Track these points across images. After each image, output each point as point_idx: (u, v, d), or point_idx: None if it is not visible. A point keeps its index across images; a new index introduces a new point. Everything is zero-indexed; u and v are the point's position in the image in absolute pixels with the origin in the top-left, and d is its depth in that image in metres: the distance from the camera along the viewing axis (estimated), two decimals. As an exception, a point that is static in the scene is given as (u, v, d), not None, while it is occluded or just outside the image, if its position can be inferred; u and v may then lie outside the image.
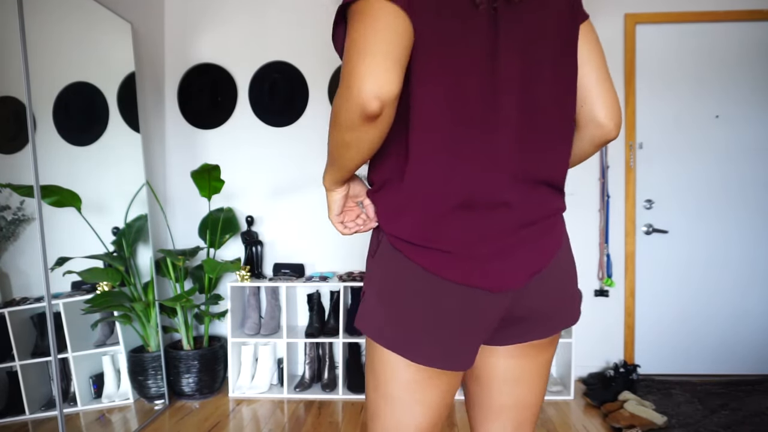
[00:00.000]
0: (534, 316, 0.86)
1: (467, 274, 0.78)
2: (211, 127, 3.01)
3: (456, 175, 0.77)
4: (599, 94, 0.86)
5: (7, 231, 1.86)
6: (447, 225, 0.78)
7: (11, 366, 1.86)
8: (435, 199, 0.78)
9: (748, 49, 2.82)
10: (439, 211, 0.78)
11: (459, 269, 0.78)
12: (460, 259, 0.78)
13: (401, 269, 0.80)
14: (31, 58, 1.86)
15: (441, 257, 0.78)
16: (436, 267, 0.78)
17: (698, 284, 2.89)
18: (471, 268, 0.78)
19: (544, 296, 0.85)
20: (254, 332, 2.78)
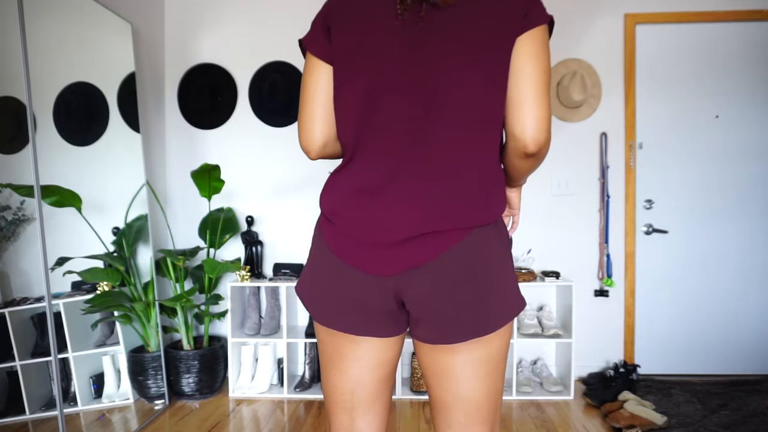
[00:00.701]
0: (430, 317, 0.91)
1: (351, 256, 0.91)
2: (211, 127, 3.01)
3: (359, 169, 0.92)
4: (520, 107, 0.86)
5: (8, 231, 1.86)
6: (348, 204, 0.93)
7: (11, 366, 1.86)
8: (345, 185, 0.94)
9: (747, 49, 2.82)
10: (345, 193, 0.93)
11: (349, 253, 0.92)
12: (353, 243, 0.91)
13: (317, 242, 0.99)
14: (32, 58, 1.86)
15: (341, 240, 0.93)
16: (337, 248, 0.93)
17: (698, 284, 2.89)
18: (357, 252, 0.91)
19: (433, 297, 0.90)
20: (254, 332, 2.78)
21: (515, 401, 2.60)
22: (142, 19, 2.78)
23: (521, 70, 0.86)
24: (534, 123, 0.86)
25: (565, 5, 2.85)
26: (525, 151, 0.88)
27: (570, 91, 2.73)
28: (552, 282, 2.66)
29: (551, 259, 2.91)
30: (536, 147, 0.87)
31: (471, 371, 0.94)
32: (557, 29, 2.86)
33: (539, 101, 0.85)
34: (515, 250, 2.91)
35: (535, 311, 2.82)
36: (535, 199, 2.91)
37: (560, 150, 2.89)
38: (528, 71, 0.85)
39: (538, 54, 0.86)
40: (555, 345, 2.90)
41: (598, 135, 2.87)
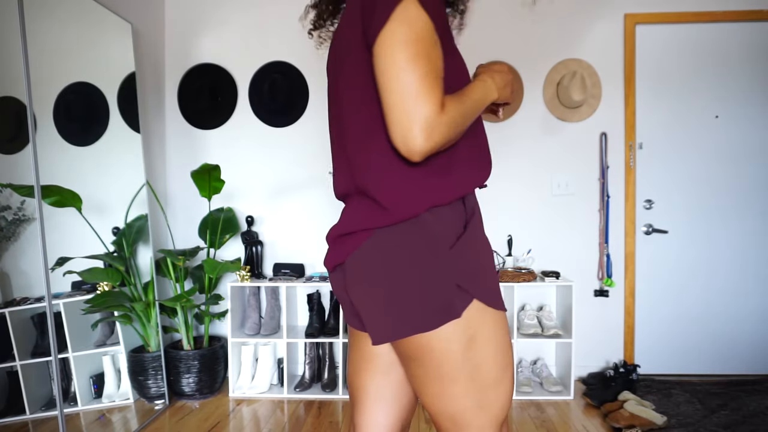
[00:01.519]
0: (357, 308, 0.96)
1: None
2: (211, 127, 3.01)
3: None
4: (386, 119, 0.83)
5: (8, 231, 1.86)
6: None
7: (12, 366, 1.86)
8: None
9: (748, 49, 2.82)
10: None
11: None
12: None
13: None
14: (32, 58, 1.86)
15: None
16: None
17: (698, 284, 2.89)
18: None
19: (350, 296, 0.94)
20: (254, 332, 2.78)
21: (515, 401, 2.60)
22: (142, 19, 2.78)
23: (379, 79, 0.83)
24: (401, 140, 0.81)
25: (565, 5, 2.85)
26: (408, 158, 0.83)
27: (570, 91, 2.73)
28: (552, 282, 2.66)
29: (551, 259, 2.91)
30: (417, 157, 0.81)
31: (413, 379, 0.94)
32: (558, 29, 2.86)
33: (398, 109, 0.80)
34: (515, 250, 2.91)
35: (535, 311, 2.82)
36: (535, 199, 2.91)
37: (560, 150, 2.89)
38: (383, 81, 0.82)
39: (385, 62, 0.81)
40: (555, 345, 2.90)
41: (598, 135, 2.87)
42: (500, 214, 2.92)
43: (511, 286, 2.65)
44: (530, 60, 2.87)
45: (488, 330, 0.90)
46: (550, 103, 2.87)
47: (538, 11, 2.86)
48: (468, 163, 0.94)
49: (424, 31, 0.82)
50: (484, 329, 0.90)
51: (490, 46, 2.87)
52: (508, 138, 2.90)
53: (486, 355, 0.90)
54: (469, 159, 0.95)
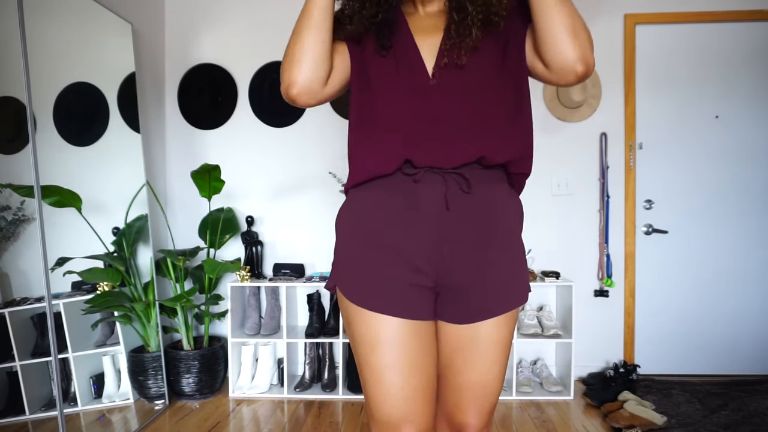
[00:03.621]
0: None
1: None
2: (211, 128, 3.01)
3: None
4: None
5: (8, 231, 1.86)
6: None
7: (11, 366, 1.86)
8: None
9: (748, 49, 2.82)
10: None
11: None
12: None
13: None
14: (32, 58, 1.86)
15: None
16: None
17: (698, 284, 2.89)
18: None
19: None
20: (254, 332, 2.78)
21: (515, 401, 2.60)
22: (142, 19, 2.78)
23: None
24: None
25: (565, 5, 2.85)
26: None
27: (570, 92, 2.73)
28: (552, 282, 2.66)
29: (551, 259, 2.91)
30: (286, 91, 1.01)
31: None
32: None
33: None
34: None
35: (535, 311, 2.82)
36: (535, 199, 2.91)
37: (560, 150, 2.89)
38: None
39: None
40: (555, 345, 2.90)
41: (598, 135, 2.87)
42: (500, 214, 2.92)
43: (511, 286, 2.65)
44: (530, 60, 2.86)
45: (345, 316, 1.01)
46: (550, 103, 2.87)
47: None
48: (351, 162, 1.03)
49: None
50: (344, 314, 1.01)
51: (490, 46, 2.87)
52: (508, 138, 2.90)
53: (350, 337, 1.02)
54: (352, 158, 1.03)
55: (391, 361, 0.92)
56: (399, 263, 0.96)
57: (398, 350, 0.93)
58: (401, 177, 0.97)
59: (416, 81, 0.97)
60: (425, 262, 0.96)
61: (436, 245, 0.96)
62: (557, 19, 0.88)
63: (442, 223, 0.96)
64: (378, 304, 0.94)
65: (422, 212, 0.96)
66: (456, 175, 0.96)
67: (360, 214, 1.01)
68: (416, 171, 0.96)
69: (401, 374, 0.92)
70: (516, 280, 1.01)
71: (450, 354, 1.01)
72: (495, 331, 0.99)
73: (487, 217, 0.99)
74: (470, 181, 0.96)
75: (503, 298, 0.99)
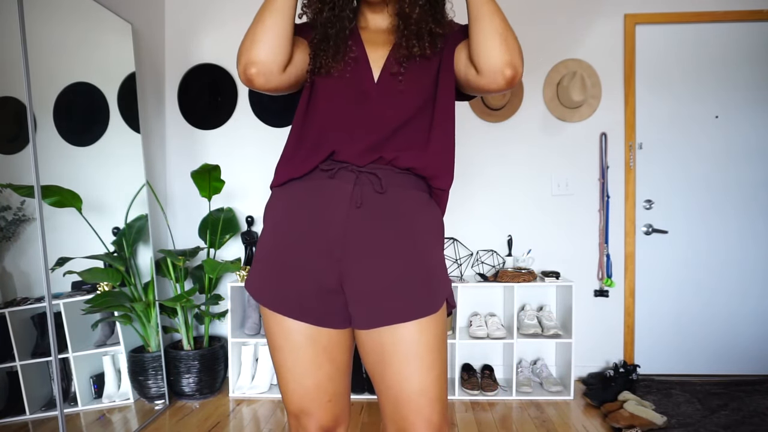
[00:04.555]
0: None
1: None
2: (211, 127, 3.01)
3: None
4: None
5: (8, 231, 1.86)
6: None
7: (12, 366, 1.86)
8: None
9: (748, 49, 2.82)
10: None
11: None
12: None
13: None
14: (32, 58, 1.86)
15: None
16: None
17: (698, 284, 2.89)
18: None
19: None
20: (254, 332, 2.78)
21: (515, 401, 2.60)
22: (142, 19, 2.78)
23: None
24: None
25: (565, 5, 2.85)
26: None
27: (570, 92, 2.74)
28: (552, 282, 2.66)
29: (551, 259, 2.91)
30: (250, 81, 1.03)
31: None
32: (558, 29, 2.86)
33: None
34: (515, 250, 2.91)
35: (535, 311, 2.82)
36: (535, 199, 2.91)
37: (560, 150, 2.89)
38: None
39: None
40: (555, 345, 2.90)
41: (598, 135, 2.87)
42: (500, 214, 2.92)
43: (511, 286, 2.65)
44: (530, 60, 2.87)
45: (263, 320, 1.05)
46: (550, 104, 2.87)
47: (538, 11, 2.86)
48: (279, 161, 1.07)
49: None
50: (263, 320, 1.05)
51: (490, 46, 2.87)
52: (508, 138, 2.90)
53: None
54: (280, 157, 1.07)
55: (289, 362, 1.02)
56: (305, 270, 0.99)
57: (294, 354, 1.01)
58: (318, 173, 1.01)
59: (361, 86, 1.02)
60: (331, 263, 0.98)
61: (342, 245, 0.97)
62: (490, 26, 0.95)
63: (350, 222, 0.97)
64: (281, 308, 1.00)
65: (331, 210, 0.98)
66: (369, 174, 0.99)
67: (274, 217, 1.05)
68: (332, 168, 1.00)
69: (296, 375, 1.02)
70: (423, 287, 0.98)
71: (377, 365, 0.99)
72: (417, 335, 0.95)
73: (398, 220, 0.99)
74: (383, 181, 0.99)
75: (408, 304, 0.96)
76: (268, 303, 1.01)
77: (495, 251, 2.91)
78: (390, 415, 0.99)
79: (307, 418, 1.04)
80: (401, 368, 0.95)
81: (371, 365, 1.00)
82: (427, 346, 0.96)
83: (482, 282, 2.70)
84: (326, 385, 1.03)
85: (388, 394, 0.98)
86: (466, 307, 2.92)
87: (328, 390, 1.04)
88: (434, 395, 0.96)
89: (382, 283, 0.97)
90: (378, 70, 1.04)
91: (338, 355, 1.04)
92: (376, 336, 0.97)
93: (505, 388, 2.70)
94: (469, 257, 2.92)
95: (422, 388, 0.95)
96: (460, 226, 2.92)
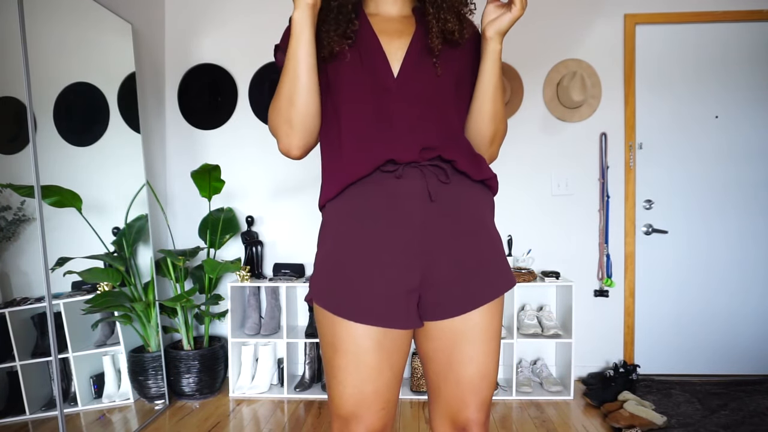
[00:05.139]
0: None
1: None
2: (211, 127, 3.01)
3: None
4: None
5: (8, 231, 1.86)
6: None
7: (11, 366, 1.86)
8: None
9: (748, 49, 2.82)
10: None
11: None
12: None
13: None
14: (32, 58, 1.86)
15: None
16: None
17: (698, 284, 2.89)
18: None
19: None
20: (254, 332, 2.78)
21: (515, 401, 2.60)
22: (142, 19, 2.78)
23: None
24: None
25: (565, 5, 2.85)
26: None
27: (570, 92, 2.73)
28: (552, 282, 2.67)
29: (551, 259, 2.91)
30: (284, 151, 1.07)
31: None
32: (558, 29, 2.86)
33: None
34: (515, 250, 2.91)
35: (535, 311, 2.82)
36: (535, 199, 2.91)
37: (560, 150, 2.89)
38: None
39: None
40: (555, 345, 2.90)
41: (598, 135, 2.87)
42: (500, 214, 2.92)
43: (511, 286, 2.65)
44: (530, 60, 2.87)
45: (319, 324, 1.02)
46: (550, 104, 2.87)
47: (537, 11, 2.86)
48: (324, 175, 1.05)
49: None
50: (318, 322, 1.03)
51: (490, 46, 2.87)
52: (508, 138, 2.90)
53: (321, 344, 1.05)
54: (324, 170, 1.05)
55: (351, 367, 0.99)
56: (384, 272, 0.97)
57: (359, 359, 0.98)
58: (380, 175, 0.98)
59: (379, 82, 0.98)
60: (411, 260, 0.97)
61: (421, 241, 0.97)
62: (491, 110, 1.03)
63: (426, 216, 0.97)
64: (353, 312, 0.97)
65: (406, 208, 0.97)
66: (433, 167, 0.99)
67: (337, 225, 1.01)
68: (396, 167, 0.98)
69: (356, 380, 0.98)
70: (499, 267, 1.03)
71: (443, 351, 1.01)
72: (485, 320, 1.00)
73: (465, 206, 1.01)
74: (447, 171, 1.00)
75: (488, 285, 1.00)
76: (336, 309, 0.98)
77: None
78: (446, 397, 1.03)
79: (356, 423, 1.01)
80: (470, 351, 0.99)
81: (435, 351, 1.02)
82: (494, 331, 1.01)
83: (482, 282, 2.70)
84: (384, 392, 1.01)
85: (450, 376, 1.01)
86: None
87: (384, 397, 1.01)
88: (492, 380, 1.02)
89: (463, 270, 0.99)
90: (397, 63, 1.00)
91: (398, 361, 1.02)
92: (448, 323, 1.00)
93: (505, 388, 2.70)
94: (469, 257, 2.91)
95: (485, 372, 1.00)
96: (460, 226, 2.92)
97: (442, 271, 0.98)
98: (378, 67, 0.99)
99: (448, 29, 0.99)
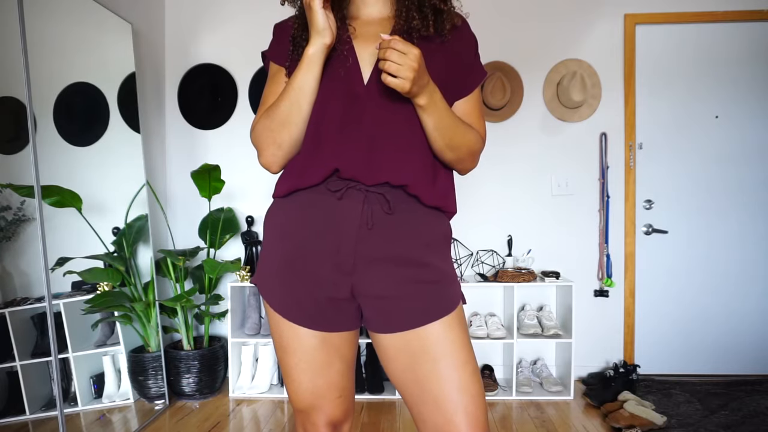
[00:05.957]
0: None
1: None
2: (211, 127, 3.01)
3: None
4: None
5: (8, 231, 1.86)
6: None
7: (12, 366, 1.86)
8: None
9: (748, 49, 2.82)
10: None
11: None
12: None
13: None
14: (32, 58, 1.86)
15: None
16: None
17: (698, 284, 2.89)
18: None
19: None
20: (254, 332, 2.78)
21: (515, 401, 2.60)
22: (142, 19, 2.78)
23: None
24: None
25: (565, 5, 2.85)
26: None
27: (570, 92, 2.73)
28: (552, 282, 2.66)
29: (551, 259, 2.91)
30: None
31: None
32: (558, 29, 2.86)
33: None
34: (515, 250, 2.91)
35: (535, 311, 2.82)
36: (535, 199, 2.91)
37: (560, 150, 2.89)
38: None
39: None
40: (555, 345, 2.90)
41: (598, 135, 2.87)
42: (500, 214, 2.92)
43: (511, 286, 2.65)
44: (530, 60, 2.87)
45: (270, 324, 1.05)
46: (550, 104, 2.87)
47: (537, 11, 2.86)
48: (284, 170, 1.05)
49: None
50: (267, 313, 1.06)
51: (490, 47, 2.87)
52: (508, 138, 2.90)
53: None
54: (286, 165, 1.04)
55: (302, 364, 1.03)
56: (317, 281, 0.97)
57: (308, 356, 1.02)
58: (324, 192, 0.97)
59: (349, 88, 0.96)
60: (342, 276, 0.96)
61: (353, 260, 0.95)
62: (440, 143, 0.98)
63: (360, 240, 0.95)
64: (293, 317, 1.00)
65: (344, 228, 0.95)
66: (377, 195, 0.96)
67: (281, 227, 1.02)
68: (340, 188, 0.95)
69: (308, 375, 1.03)
70: (443, 288, 0.98)
71: (407, 371, 0.96)
72: (443, 332, 0.94)
73: (407, 233, 0.97)
74: (391, 202, 0.95)
75: (432, 304, 0.95)
76: (279, 309, 1.01)
77: (495, 251, 2.91)
78: (431, 419, 0.93)
79: (316, 413, 1.06)
80: (436, 368, 0.92)
81: (400, 372, 0.97)
82: (456, 343, 0.94)
83: (482, 282, 2.70)
84: (337, 381, 1.05)
85: (426, 397, 0.93)
86: (466, 307, 2.92)
87: (339, 386, 1.05)
88: (475, 391, 0.93)
89: (397, 289, 0.95)
90: (368, 68, 0.96)
91: (347, 352, 1.05)
92: (400, 341, 0.95)
93: (505, 388, 2.70)
94: (469, 257, 2.92)
95: (462, 385, 0.92)
96: (460, 226, 2.92)
97: (371, 290, 0.96)
98: (349, 73, 0.96)
99: (414, 27, 0.96)
